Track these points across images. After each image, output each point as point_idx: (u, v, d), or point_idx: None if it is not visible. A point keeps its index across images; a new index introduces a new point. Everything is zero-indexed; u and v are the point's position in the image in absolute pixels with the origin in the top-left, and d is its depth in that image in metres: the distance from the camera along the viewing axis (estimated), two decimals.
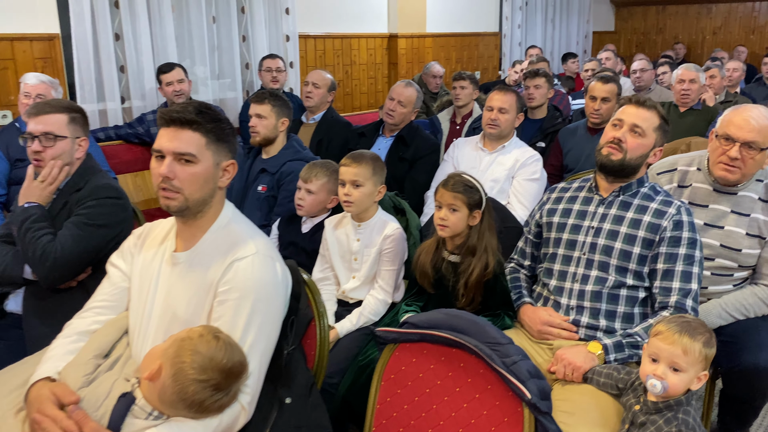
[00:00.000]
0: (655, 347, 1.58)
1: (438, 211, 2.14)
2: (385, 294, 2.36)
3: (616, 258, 2.03)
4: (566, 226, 2.15)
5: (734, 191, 2.30)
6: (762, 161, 2.24)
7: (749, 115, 2.20)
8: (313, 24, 5.66)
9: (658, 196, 2.08)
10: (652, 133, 2.05)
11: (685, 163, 2.44)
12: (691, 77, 4.40)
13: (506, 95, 3.21)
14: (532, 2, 8.17)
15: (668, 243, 1.99)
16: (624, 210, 2.07)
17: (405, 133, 3.55)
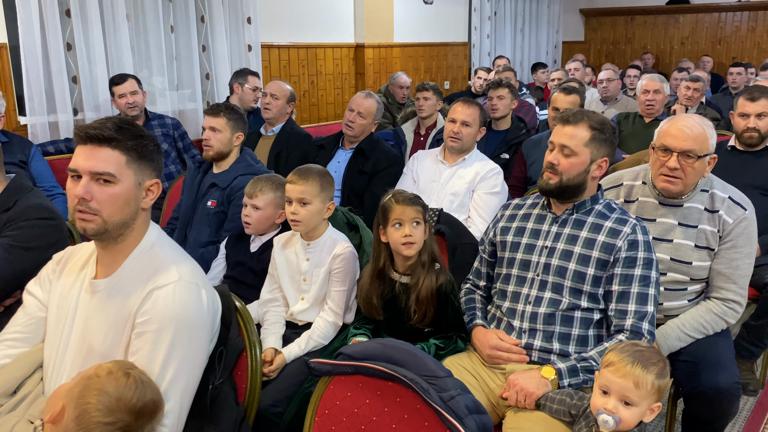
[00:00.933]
0: (606, 379, 1.49)
1: (398, 229, 2.02)
2: (335, 316, 2.25)
3: (570, 279, 1.95)
4: (520, 246, 2.07)
5: (680, 203, 2.25)
6: (702, 169, 2.20)
7: (684, 124, 2.17)
8: (277, 33, 5.56)
9: (613, 213, 2.00)
10: (584, 149, 1.95)
11: (630, 177, 2.39)
12: (655, 88, 4.37)
13: (469, 108, 3.14)
14: (501, 12, 8.16)
15: (623, 264, 1.91)
16: (578, 229, 1.99)
17: (365, 146, 3.45)
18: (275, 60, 5.59)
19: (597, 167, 1.97)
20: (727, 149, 3.24)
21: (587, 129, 1.95)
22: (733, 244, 2.21)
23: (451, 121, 3.13)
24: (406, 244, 2.01)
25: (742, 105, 3.12)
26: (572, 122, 1.96)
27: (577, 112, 1.99)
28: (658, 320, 2.29)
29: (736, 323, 2.32)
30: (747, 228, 2.22)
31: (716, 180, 2.32)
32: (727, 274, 2.22)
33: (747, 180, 3.10)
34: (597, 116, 1.97)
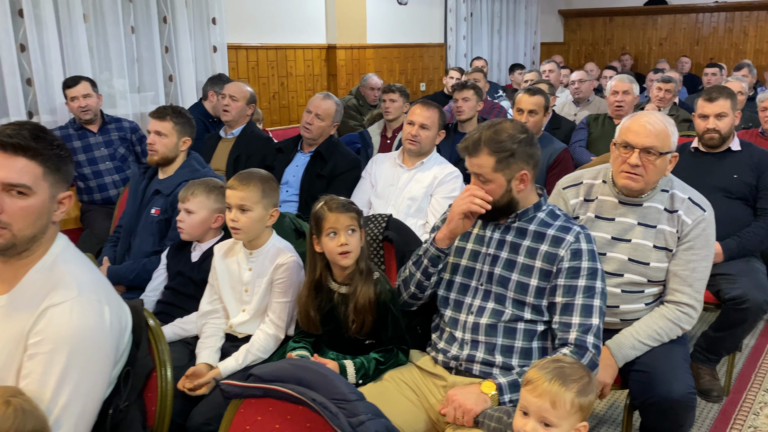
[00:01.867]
0: (524, 399, 1.41)
1: (333, 238, 1.93)
2: (276, 329, 2.16)
3: (512, 290, 1.87)
4: (465, 252, 1.99)
5: (639, 202, 2.19)
6: (664, 167, 2.14)
7: (646, 120, 2.12)
8: (244, 34, 5.46)
9: (557, 221, 1.91)
10: (496, 174, 1.84)
11: (590, 176, 2.32)
12: (624, 88, 4.32)
13: (428, 110, 3.06)
14: (477, 13, 8.10)
15: (566, 274, 1.83)
16: (520, 237, 1.91)
17: (323, 149, 3.36)
18: (243, 61, 5.49)
19: (518, 182, 1.87)
20: (691, 151, 3.18)
21: (488, 156, 1.83)
22: (690, 245, 2.15)
23: (409, 123, 3.05)
24: (343, 253, 1.93)
25: (701, 106, 3.06)
26: (473, 154, 1.85)
27: (474, 142, 1.85)
28: (615, 325, 2.24)
29: (693, 328, 2.26)
30: (705, 230, 2.16)
31: (676, 180, 2.26)
32: (683, 276, 2.16)
33: (710, 182, 3.04)
34: (494, 137, 1.83)
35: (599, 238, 2.21)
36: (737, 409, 2.82)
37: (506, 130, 1.84)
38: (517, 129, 1.86)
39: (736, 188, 2.99)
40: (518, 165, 1.84)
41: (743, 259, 2.89)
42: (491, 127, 1.86)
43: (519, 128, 1.87)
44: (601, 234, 2.22)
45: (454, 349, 1.91)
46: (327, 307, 2.00)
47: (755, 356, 3.26)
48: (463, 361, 1.89)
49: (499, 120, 1.91)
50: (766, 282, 2.80)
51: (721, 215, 2.96)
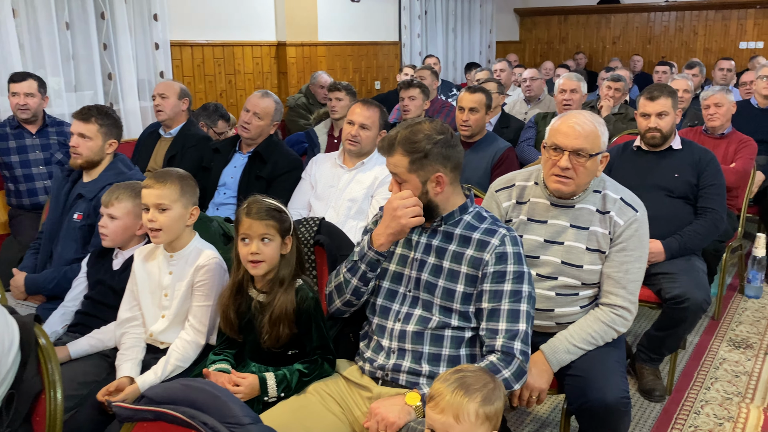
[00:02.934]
0: (429, 418, 1.34)
1: (245, 245, 1.85)
2: (197, 334, 2.06)
3: (439, 297, 1.81)
4: (394, 256, 1.92)
5: (571, 204, 2.15)
6: (594, 168, 2.09)
7: (575, 121, 2.07)
8: (189, 31, 5.31)
9: (483, 223, 1.85)
10: (410, 175, 1.79)
11: (522, 178, 2.28)
12: (572, 87, 4.31)
13: (369, 110, 2.97)
14: (431, 11, 8.06)
15: (492, 279, 1.77)
16: (446, 242, 1.85)
17: (262, 149, 3.25)
18: (188, 59, 5.33)
19: (433, 184, 1.80)
20: (633, 150, 3.17)
21: (402, 156, 1.79)
22: (623, 246, 2.11)
23: (349, 123, 2.97)
24: (253, 262, 1.84)
25: (643, 104, 3.05)
26: (388, 153, 1.81)
27: (389, 141, 1.81)
28: (550, 328, 2.20)
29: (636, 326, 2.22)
30: (638, 230, 2.13)
31: (609, 180, 2.22)
32: (616, 278, 2.12)
33: (652, 181, 3.04)
34: (410, 137, 1.78)
35: (532, 240, 2.17)
36: (679, 408, 2.81)
37: (423, 131, 1.78)
38: (435, 130, 1.79)
39: (678, 187, 2.99)
40: (433, 166, 1.78)
41: (684, 258, 2.88)
42: (409, 126, 1.81)
43: (437, 129, 1.80)
44: (534, 237, 2.18)
45: (380, 358, 1.84)
46: (248, 315, 1.91)
47: (698, 353, 3.27)
48: (389, 371, 1.82)
49: (419, 120, 1.85)
50: (706, 281, 2.80)
51: (662, 214, 2.97)
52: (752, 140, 3.77)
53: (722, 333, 3.49)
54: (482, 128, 3.53)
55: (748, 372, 3.08)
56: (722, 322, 3.62)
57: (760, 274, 3.92)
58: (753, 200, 4.18)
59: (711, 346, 3.34)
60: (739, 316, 3.70)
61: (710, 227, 2.92)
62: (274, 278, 1.87)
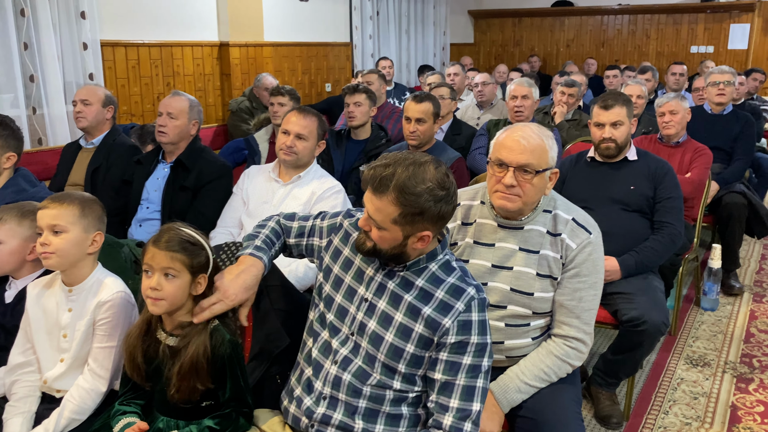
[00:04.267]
0: None
1: (148, 277, 1.60)
2: (97, 380, 1.79)
3: (384, 354, 1.58)
4: (342, 285, 1.69)
5: (520, 225, 1.95)
6: (542, 185, 1.91)
7: (520, 135, 1.88)
8: (122, 30, 4.97)
9: (450, 277, 1.61)
10: (393, 226, 1.51)
11: (468, 196, 2.07)
12: (523, 93, 4.15)
13: (305, 118, 2.73)
14: (383, 12, 7.85)
15: (450, 349, 1.55)
16: (404, 289, 1.61)
17: (184, 157, 2.97)
18: (121, 59, 4.99)
19: (416, 240, 1.54)
20: (587, 161, 3.01)
21: (393, 204, 1.48)
22: (576, 272, 1.93)
23: (284, 132, 2.72)
24: (153, 299, 1.59)
25: (596, 114, 2.89)
26: (378, 191, 1.49)
27: (383, 179, 1.48)
28: (500, 362, 2.00)
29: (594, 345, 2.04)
30: (592, 254, 1.94)
31: (560, 199, 2.04)
32: (569, 306, 1.93)
33: (607, 194, 2.88)
34: (409, 185, 1.47)
35: (479, 266, 1.97)
36: None
37: (426, 181, 1.48)
38: (438, 182, 1.49)
39: (633, 200, 2.84)
40: (424, 225, 1.52)
41: (641, 276, 2.73)
42: (411, 166, 1.49)
43: (440, 180, 1.50)
44: (481, 261, 1.98)
45: (309, 401, 1.63)
46: (156, 360, 1.66)
47: (656, 373, 3.13)
48: (316, 421, 1.60)
49: (424, 160, 1.52)
50: (664, 301, 2.65)
51: (618, 229, 2.81)
52: (707, 149, 3.67)
53: (679, 349, 3.36)
54: (431, 138, 3.33)
55: (706, 393, 2.94)
56: (679, 338, 3.50)
57: (715, 285, 3.82)
58: (707, 209, 4.09)
59: (668, 364, 3.21)
60: (695, 330, 3.59)
61: (667, 243, 2.77)
62: (185, 320, 1.62)
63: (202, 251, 1.65)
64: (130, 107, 5.10)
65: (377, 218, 1.52)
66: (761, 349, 3.34)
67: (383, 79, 5.05)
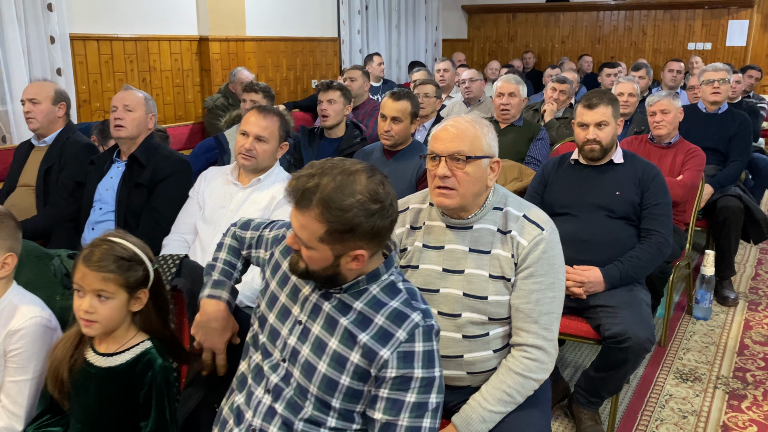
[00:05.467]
0: None
1: (79, 297, 1.44)
2: (11, 418, 1.60)
3: (316, 386, 1.39)
4: (276, 304, 1.52)
5: (469, 224, 1.80)
6: (479, 175, 1.75)
7: (450, 124, 1.78)
8: (95, 23, 4.78)
9: (393, 300, 1.41)
10: (321, 245, 1.34)
11: (417, 200, 1.92)
12: (510, 90, 3.96)
13: (266, 119, 2.52)
14: (372, 7, 7.64)
15: (391, 385, 1.35)
16: (341, 312, 1.42)
17: (139, 153, 2.78)
18: (93, 54, 4.80)
19: (349, 260, 1.36)
20: (570, 163, 2.82)
21: (318, 221, 1.31)
22: (530, 272, 1.75)
23: (242, 134, 2.52)
24: (86, 321, 1.41)
25: (580, 113, 2.70)
26: (301, 205, 1.32)
27: (304, 192, 1.31)
28: (461, 380, 1.83)
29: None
30: (546, 252, 1.76)
31: (512, 196, 1.88)
32: (525, 311, 1.76)
33: (591, 199, 2.70)
34: (335, 198, 1.30)
35: (429, 271, 1.81)
36: None
37: (355, 193, 1.30)
38: (370, 194, 1.31)
39: (619, 206, 2.65)
40: (356, 243, 1.34)
41: (626, 288, 2.54)
42: (338, 176, 1.31)
43: (372, 192, 1.32)
44: (431, 266, 1.82)
45: None
46: (79, 382, 1.49)
47: (643, 388, 2.94)
48: None
49: (354, 169, 1.34)
50: (650, 316, 2.46)
51: (602, 237, 2.62)
52: (700, 150, 3.48)
53: (669, 362, 3.18)
54: (407, 138, 3.13)
55: (696, 411, 2.76)
56: (669, 349, 3.31)
57: (708, 294, 3.63)
58: (701, 213, 3.90)
59: (657, 379, 3.03)
60: (687, 341, 3.40)
61: (654, 252, 2.59)
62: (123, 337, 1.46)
63: (140, 266, 1.48)
64: (103, 103, 4.91)
65: (302, 236, 1.34)
66: (755, 363, 3.16)
67: (366, 76, 4.86)
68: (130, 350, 1.49)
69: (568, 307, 2.54)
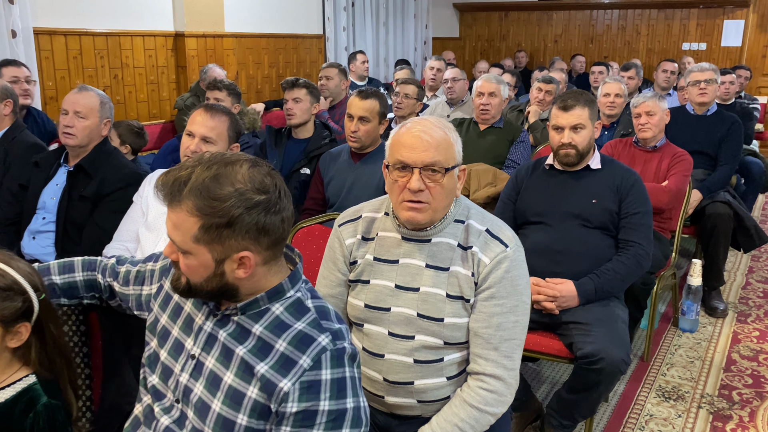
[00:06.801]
0: None
1: None
2: None
3: (211, 428, 1.21)
4: (169, 339, 1.34)
5: (427, 237, 1.63)
6: (452, 186, 1.60)
7: (420, 129, 1.58)
8: (62, 17, 4.59)
9: (299, 321, 1.23)
10: (195, 246, 1.16)
11: (371, 208, 1.75)
12: (490, 90, 3.77)
13: (213, 118, 2.32)
14: (359, 3, 7.45)
15: (294, 422, 1.16)
16: (238, 339, 1.24)
17: (87, 162, 2.59)
18: (60, 49, 4.61)
19: (234, 265, 1.18)
20: (545, 168, 2.64)
21: (191, 214, 1.14)
22: (491, 293, 1.59)
23: (188, 134, 2.34)
24: None
25: (555, 115, 2.52)
26: (172, 199, 1.16)
27: (174, 183, 1.15)
28: (411, 409, 1.66)
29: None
30: (510, 271, 1.59)
31: (474, 208, 1.71)
32: (485, 336, 1.59)
33: (566, 208, 2.52)
34: (211, 186, 1.14)
35: (381, 287, 1.65)
36: None
37: (235, 182, 1.14)
38: (254, 183, 1.16)
39: (595, 215, 2.47)
40: (238, 242, 1.16)
41: (602, 303, 2.37)
42: (215, 165, 1.16)
43: (256, 181, 1.16)
44: (383, 282, 1.65)
45: None
46: None
47: (622, 407, 2.77)
48: None
49: (236, 159, 1.19)
50: (625, 334, 2.28)
51: (578, 248, 2.44)
52: (687, 154, 3.30)
53: (651, 378, 3.00)
54: (375, 139, 2.95)
55: None
56: (652, 364, 3.14)
57: (695, 305, 3.45)
58: (689, 220, 3.73)
59: (638, 397, 2.85)
60: (671, 355, 3.23)
61: (633, 265, 2.41)
62: None
63: (20, 296, 1.29)
64: None
65: (176, 239, 1.17)
66: (742, 380, 2.99)
67: (344, 74, 4.67)
68: (9, 387, 1.31)
69: (540, 323, 2.38)
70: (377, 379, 1.67)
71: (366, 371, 1.69)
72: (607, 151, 3.44)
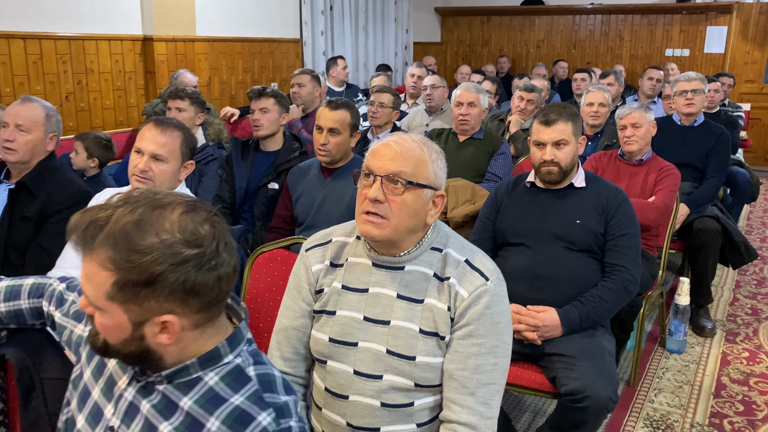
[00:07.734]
0: None
1: None
2: None
3: None
4: (88, 402, 1.15)
5: (400, 264, 1.47)
6: (418, 206, 1.43)
7: (393, 139, 1.46)
8: (21, 20, 4.35)
9: (236, 395, 1.03)
10: (109, 304, 0.97)
11: (343, 232, 1.59)
12: (469, 100, 3.61)
13: (164, 134, 2.11)
14: (337, 7, 7.26)
15: None
16: (163, 414, 1.05)
17: (30, 179, 2.38)
18: (19, 54, 4.37)
19: (156, 331, 0.99)
20: (526, 186, 2.47)
21: (104, 267, 0.95)
22: (469, 331, 1.42)
23: (137, 152, 2.14)
24: None
25: (536, 130, 2.35)
26: (83, 245, 0.96)
27: (89, 226, 0.95)
28: None
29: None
30: (490, 308, 1.43)
31: (454, 236, 1.54)
32: (460, 379, 1.42)
33: (548, 228, 2.35)
34: (132, 234, 0.94)
35: (348, 319, 1.48)
36: None
37: (163, 231, 0.95)
38: (186, 233, 0.96)
39: (580, 237, 2.31)
40: (159, 305, 0.97)
41: (587, 333, 2.21)
42: (141, 208, 0.96)
43: (188, 231, 0.97)
44: (351, 313, 1.49)
45: None
46: None
47: None
48: None
49: (169, 200, 0.99)
50: (613, 368, 2.12)
51: (561, 273, 2.27)
52: (675, 168, 3.15)
53: (638, 405, 2.84)
54: (346, 152, 2.77)
55: None
56: (639, 389, 2.98)
57: (683, 325, 3.30)
58: (676, 235, 3.58)
59: (625, 426, 2.69)
60: (659, 380, 3.07)
61: (620, 291, 2.25)
62: None
63: None
64: None
65: (88, 293, 0.98)
66: (733, 406, 2.84)
67: (317, 81, 4.48)
68: None
69: (521, 353, 2.21)
70: (340, 423, 1.49)
71: (328, 414, 1.52)
72: (590, 164, 3.28)
